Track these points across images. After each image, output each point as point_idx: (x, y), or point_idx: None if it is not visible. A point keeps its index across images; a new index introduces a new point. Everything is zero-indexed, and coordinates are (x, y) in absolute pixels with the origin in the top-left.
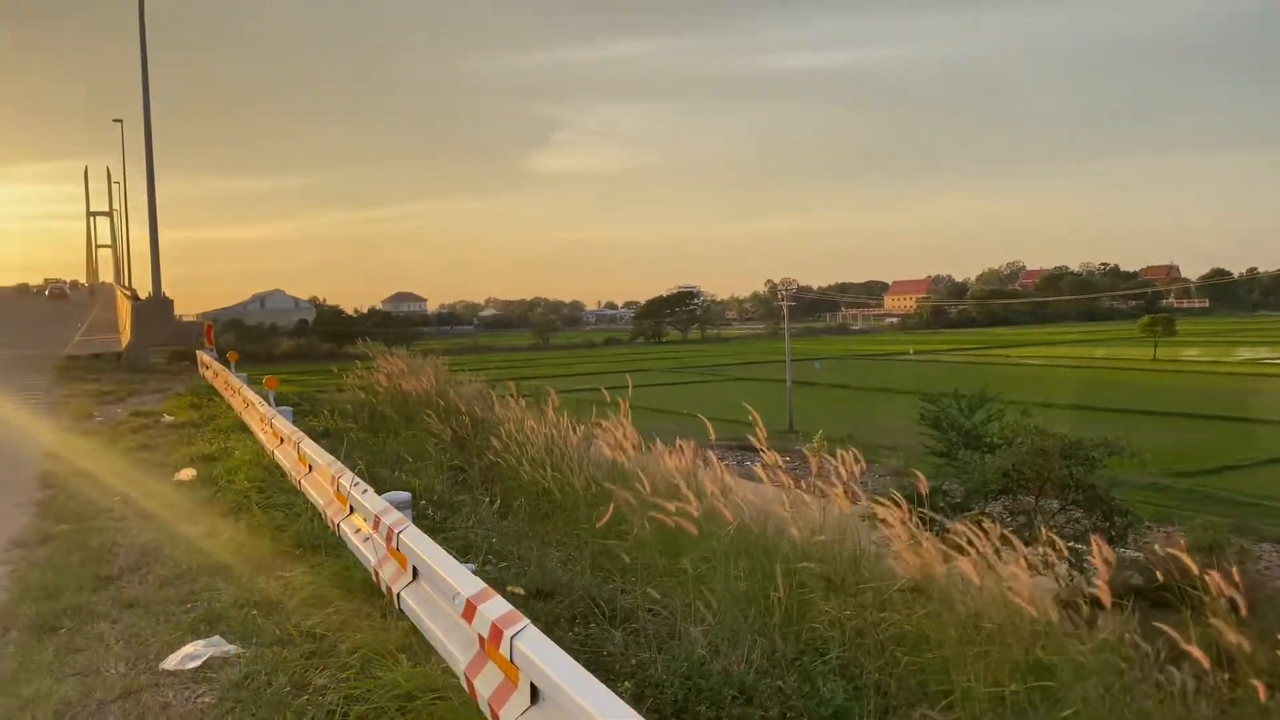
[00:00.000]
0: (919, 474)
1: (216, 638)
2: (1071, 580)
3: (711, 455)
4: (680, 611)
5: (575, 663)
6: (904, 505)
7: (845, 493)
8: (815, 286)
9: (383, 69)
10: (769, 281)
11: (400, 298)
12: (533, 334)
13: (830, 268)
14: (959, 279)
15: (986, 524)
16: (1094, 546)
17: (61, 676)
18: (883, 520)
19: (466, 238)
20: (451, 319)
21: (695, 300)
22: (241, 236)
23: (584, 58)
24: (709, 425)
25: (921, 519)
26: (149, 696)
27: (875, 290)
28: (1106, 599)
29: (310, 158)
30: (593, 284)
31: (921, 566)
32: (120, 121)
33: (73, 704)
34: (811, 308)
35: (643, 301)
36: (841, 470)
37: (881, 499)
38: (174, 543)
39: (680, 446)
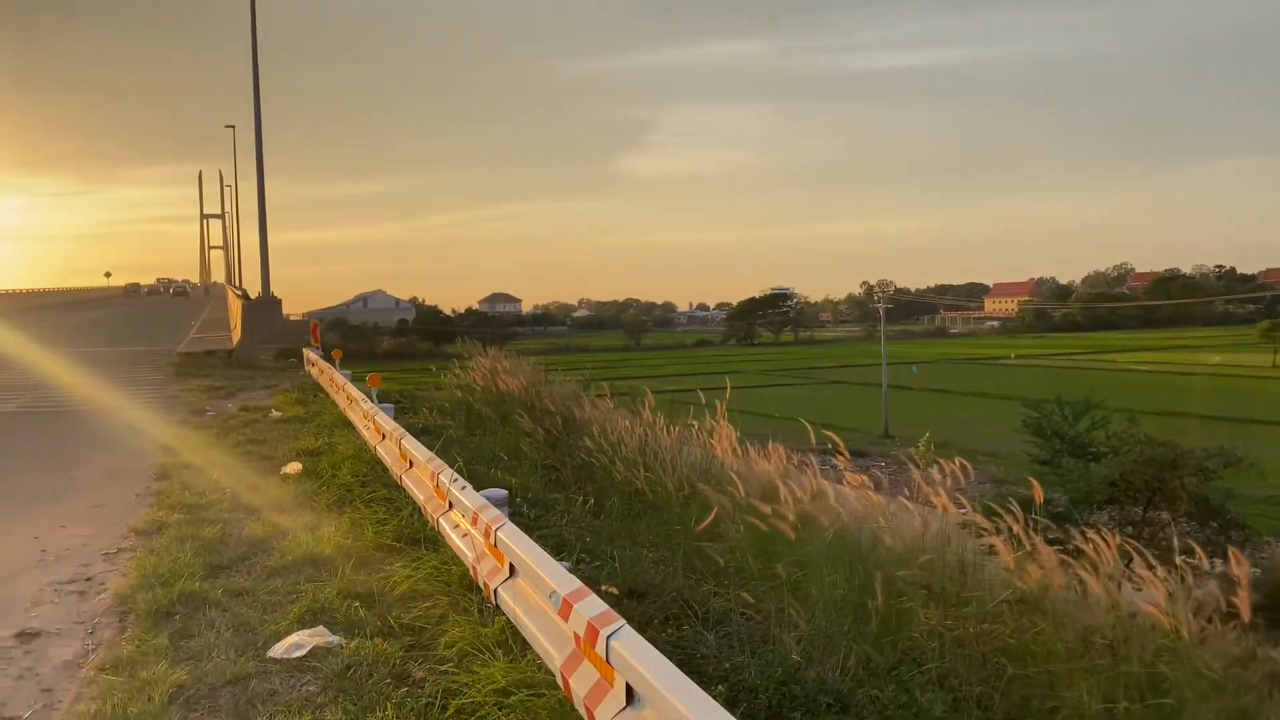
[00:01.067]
0: (1034, 482)
1: (320, 628)
2: (1193, 594)
3: (808, 459)
4: (774, 616)
5: (671, 665)
6: (1011, 514)
7: (947, 500)
8: (913, 288)
9: (481, 74)
10: (864, 283)
11: (496, 298)
12: (624, 335)
13: (928, 269)
14: (1063, 281)
15: (1105, 534)
16: (1231, 559)
17: (176, 661)
18: (987, 529)
19: (560, 239)
20: (545, 319)
21: (788, 302)
22: (346, 238)
23: (677, 60)
24: (809, 428)
25: (1028, 528)
26: (257, 683)
27: (975, 292)
28: (1246, 613)
29: (412, 162)
30: (685, 285)
31: (1031, 577)
32: (233, 128)
33: (186, 688)
34: (909, 310)
35: (735, 303)
36: (940, 477)
37: (988, 507)
38: (281, 534)
39: (774, 449)
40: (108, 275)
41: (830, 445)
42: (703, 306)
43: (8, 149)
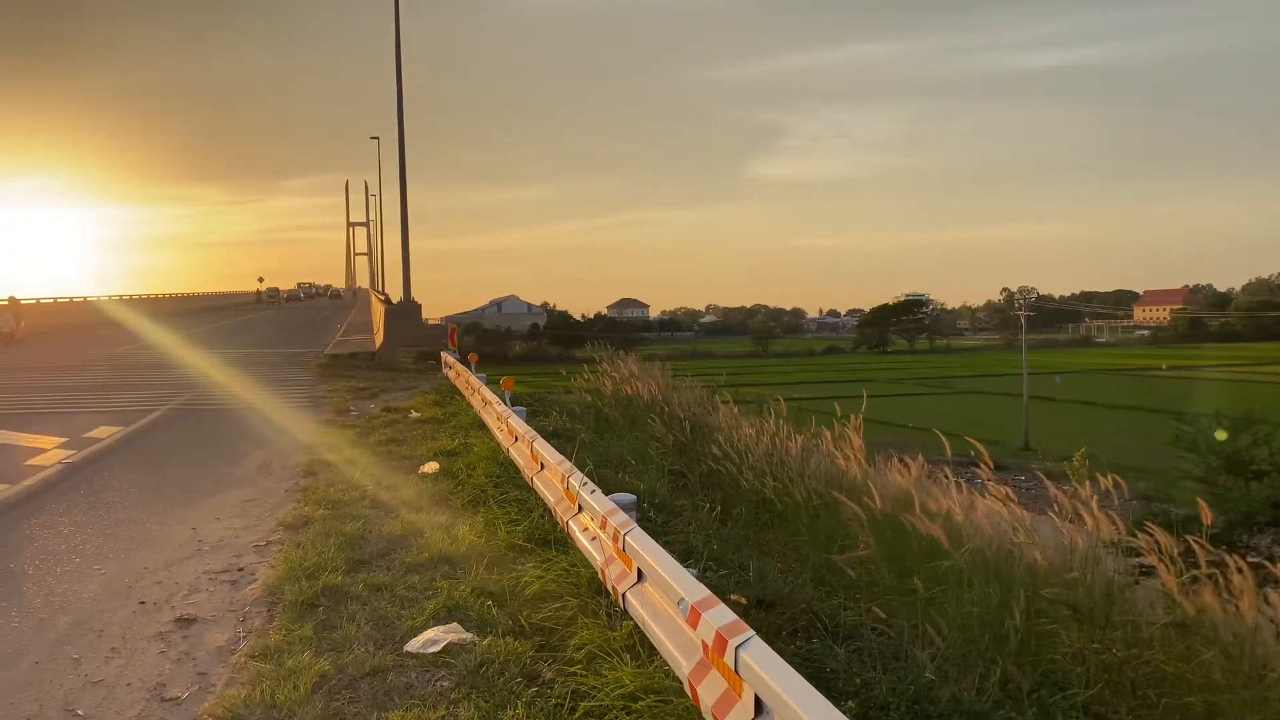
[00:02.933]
0: (1202, 503)
1: (455, 625)
2: None
3: (944, 472)
4: (907, 632)
5: (802, 679)
6: (1167, 533)
7: (1100, 515)
8: (1056, 295)
9: (615, 84)
10: (1005, 290)
11: (624, 303)
12: (752, 341)
13: (1073, 276)
14: (1221, 289)
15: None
16: None
17: (319, 651)
18: (1144, 548)
19: (689, 245)
20: (672, 325)
21: (924, 309)
22: (482, 244)
23: (811, 63)
24: (944, 440)
25: (1186, 551)
26: (394, 676)
27: (1124, 300)
28: None
29: (546, 171)
30: (815, 291)
31: (1193, 601)
32: (377, 139)
33: (328, 677)
34: (1052, 318)
35: (867, 310)
36: (1088, 492)
37: (1140, 525)
38: (418, 532)
39: (907, 461)
40: (261, 281)
41: (967, 456)
42: (833, 313)
43: (175, 162)
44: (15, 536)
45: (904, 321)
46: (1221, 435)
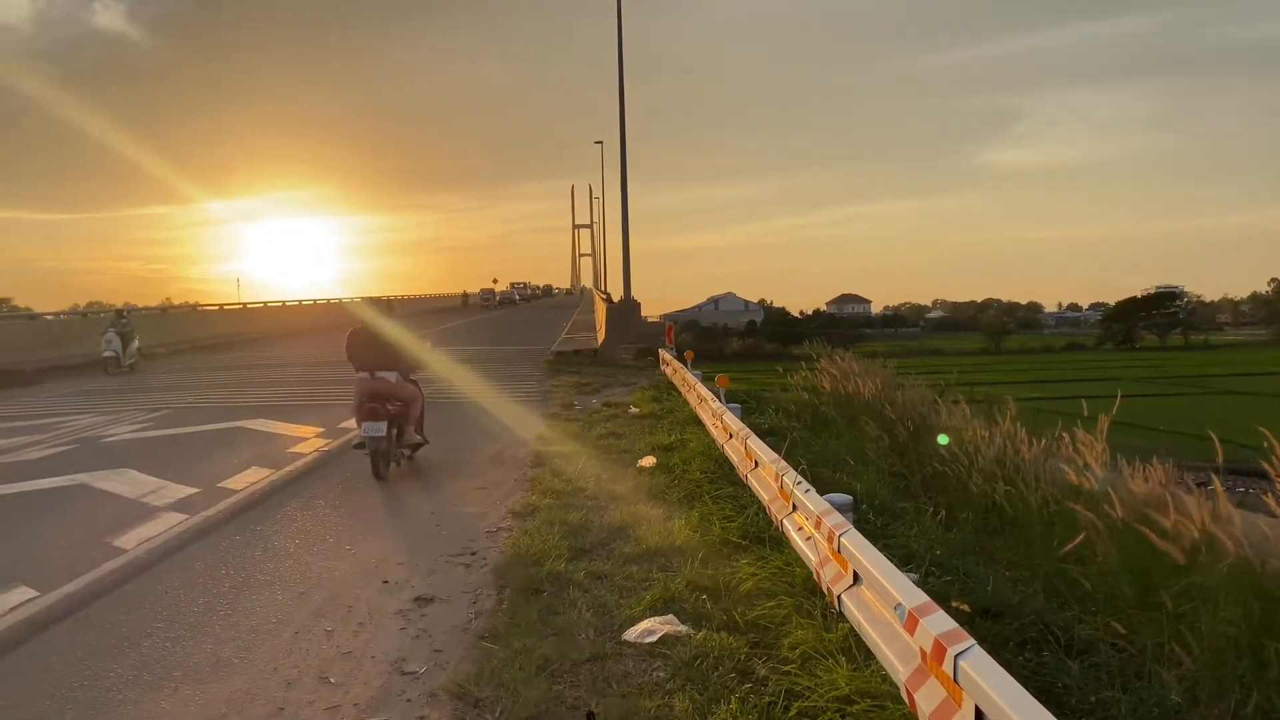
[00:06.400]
0: None
1: (671, 616)
2: None
3: (1202, 478)
4: (1150, 651)
5: (1027, 693)
6: None
7: None
8: None
9: (835, 76)
10: (1273, 280)
11: (844, 299)
12: (983, 337)
13: None
14: None
15: None
16: None
17: (543, 635)
18: None
19: (914, 237)
20: (896, 321)
21: (1177, 301)
22: (700, 243)
23: (1047, 42)
24: (1218, 444)
25: None
26: (612, 664)
27: None
28: None
29: (761, 167)
30: (1053, 284)
31: None
32: (600, 143)
33: (551, 661)
34: None
35: (1112, 303)
36: None
37: None
38: (636, 524)
39: (1157, 466)
40: (495, 281)
41: (1232, 463)
42: (1074, 307)
43: (417, 172)
44: (280, 516)
45: (1154, 315)
46: None
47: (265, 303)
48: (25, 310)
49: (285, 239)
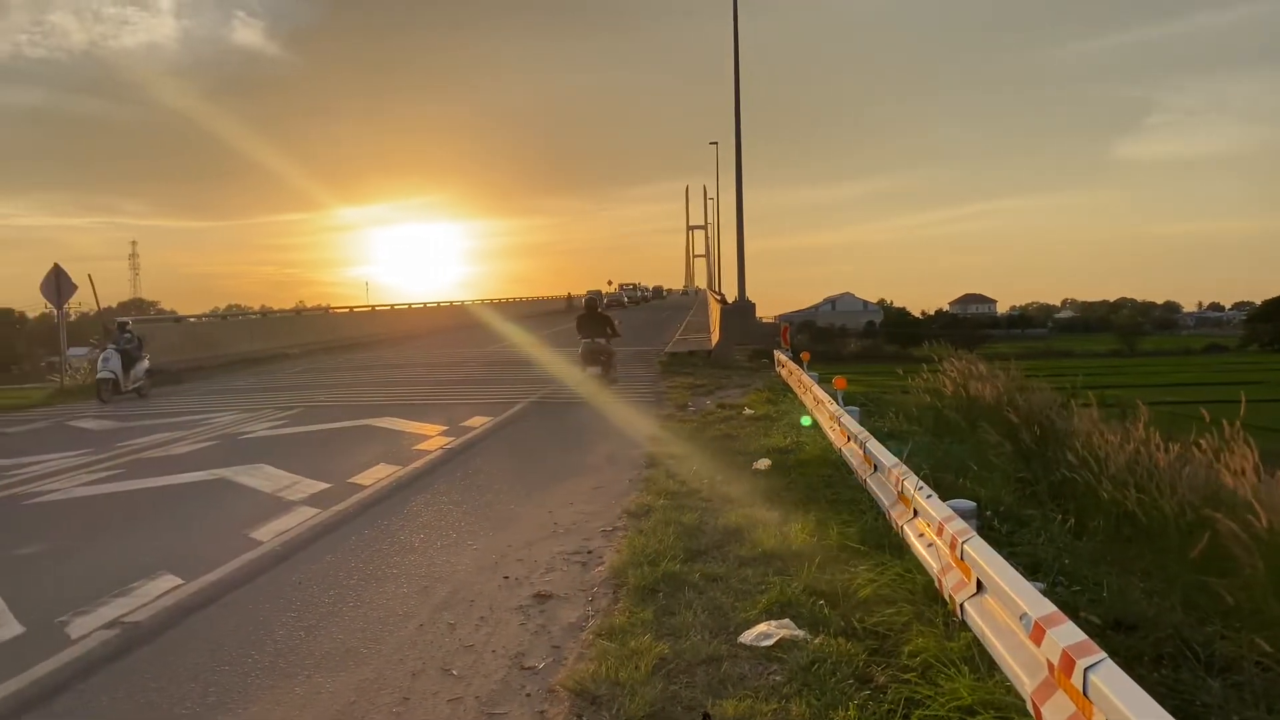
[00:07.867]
0: None
1: (787, 620)
2: None
3: None
4: None
5: (1164, 711)
6: None
7: None
8: None
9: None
10: None
11: (968, 299)
12: (1115, 338)
13: None
14: None
15: None
16: None
17: (659, 635)
18: None
19: (1041, 235)
20: (1023, 321)
21: None
22: (816, 242)
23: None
24: None
25: None
26: (728, 666)
27: None
28: None
29: (879, 164)
30: (1191, 282)
31: None
32: (715, 144)
33: (667, 660)
34: None
35: (1258, 302)
36: None
37: None
38: (752, 526)
39: None
40: (610, 283)
41: None
42: (1216, 306)
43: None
44: (406, 511)
45: None
46: None
47: (392, 305)
48: (170, 313)
49: (411, 243)
